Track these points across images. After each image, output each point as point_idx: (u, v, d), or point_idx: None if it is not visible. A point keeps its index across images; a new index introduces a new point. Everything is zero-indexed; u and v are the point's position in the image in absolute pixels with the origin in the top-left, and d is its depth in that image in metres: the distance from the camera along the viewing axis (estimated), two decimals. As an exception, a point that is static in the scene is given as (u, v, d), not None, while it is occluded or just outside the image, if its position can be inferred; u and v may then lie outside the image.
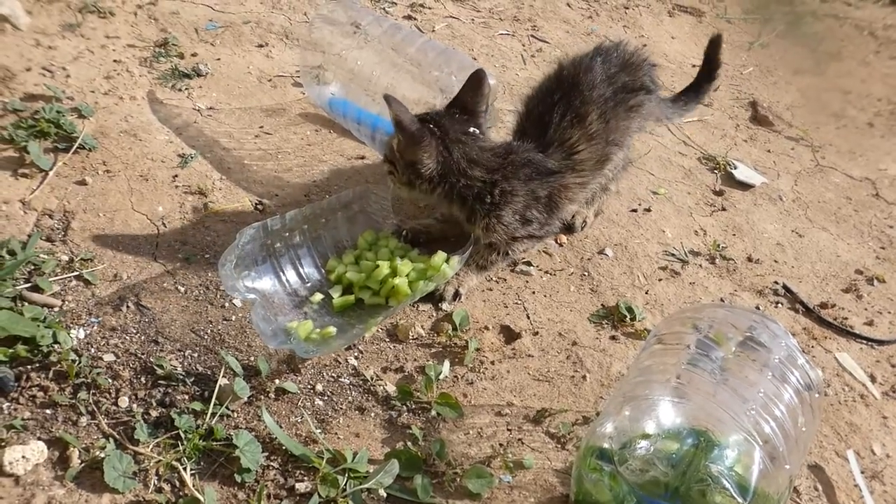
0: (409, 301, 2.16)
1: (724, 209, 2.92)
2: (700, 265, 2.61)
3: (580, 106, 2.30)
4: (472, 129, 2.29)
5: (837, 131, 3.64)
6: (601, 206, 2.68)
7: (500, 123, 2.89)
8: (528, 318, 2.28)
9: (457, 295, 2.27)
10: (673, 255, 2.61)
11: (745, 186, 3.07)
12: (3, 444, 1.68)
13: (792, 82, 3.96)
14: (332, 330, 2.05)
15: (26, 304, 1.98)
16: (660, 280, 2.51)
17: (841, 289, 2.65)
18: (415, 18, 3.63)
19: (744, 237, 2.79)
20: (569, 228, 2.61)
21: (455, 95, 2.32)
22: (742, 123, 3.53)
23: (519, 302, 2.32)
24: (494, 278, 2.39)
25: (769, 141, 3.45)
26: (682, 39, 4.14)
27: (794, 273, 2.67)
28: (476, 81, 2.29)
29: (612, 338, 2.26)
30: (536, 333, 2.23)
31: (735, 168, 3.13)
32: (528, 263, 2.45)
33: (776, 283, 2.60)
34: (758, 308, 2.47)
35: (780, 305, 2.51)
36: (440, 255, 2.26)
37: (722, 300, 2.48)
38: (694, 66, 3.88)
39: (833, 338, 2.44)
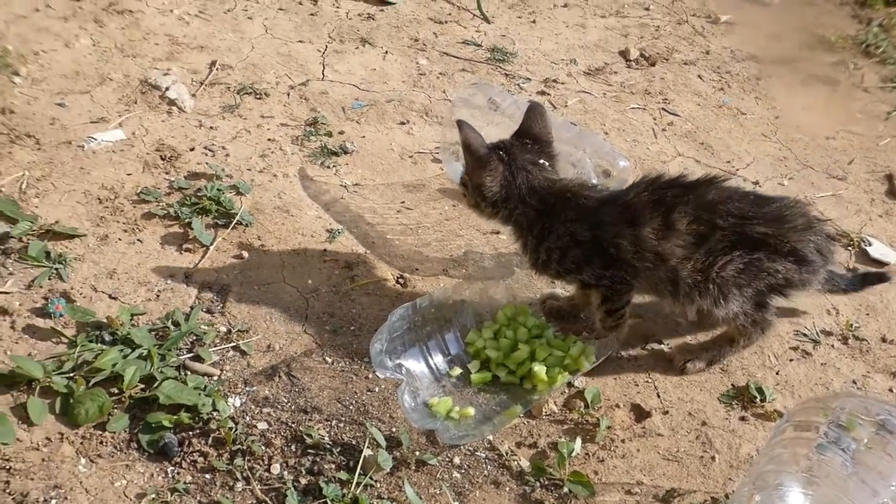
0: (548, 393, 2.23)
1: (858, 288, 2.88)
2: (832, 345, 2.59)
3: (682, 210, 2.22)
4: (542, 161, 2.35)
5: (982, 206, 3.54)
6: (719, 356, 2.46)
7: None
8: (659, 396, 2.32)
9: None
10: (804, 334, 2.60)
11: (879, 264, 3.02)
12: (168, 506, 1.84)
13: (934, 154, 3.87)
14: (471, 411, 2.15)
15: (189, 373, 2.15)
16: (791, 360, 2.51)
17: (984, 373, 2.58)
18: (548, 94, 3.74)
19: (878, 317, 2.75)
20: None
21: (520, 126, 2.40)
22: (877, 198, 3.47)
23: (650, 381, 2.36)
24: (625, 355, 2.44)
25: (907, 216, 3.39)
26: (816, 110, 4.10)
27: (932, 355, 2.62)
28: (538, 113, 2.40)
29: (742, 418, 2.27)
30: (666, 412, 2.26)
31: (869, 245, 3.08)
32: (659, 341, 2.49)
33: (913, 365, 2.56)
34: (892, 391, 2.43)
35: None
36: (578, 347, 2.33)
37: (854, 382, 2.45)
38: (828, 137, 3.85)
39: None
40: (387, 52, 3.87)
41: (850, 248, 3.09)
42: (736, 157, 3.57)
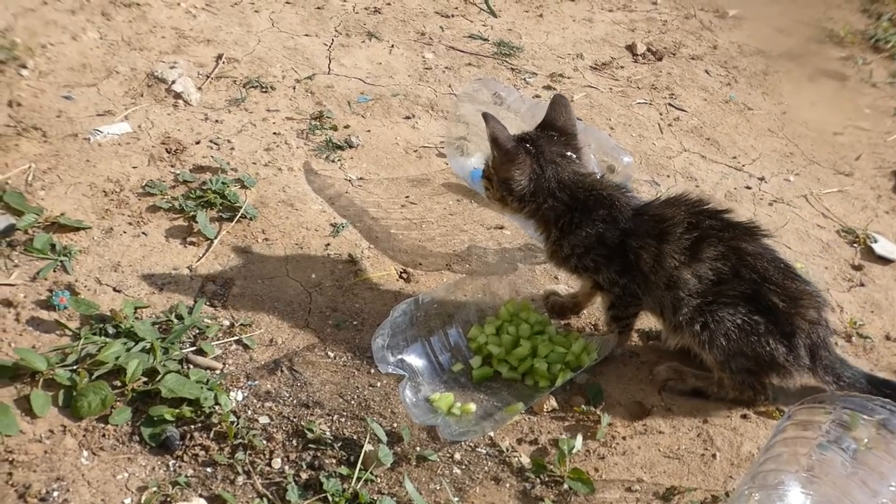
0: (549, 390, 2.24)
1: (862, 285, 2.88)
2: (836, 343, 2.58)
3: (714, 244, 2.21)
4: (569, 153, 2.34)
5: None
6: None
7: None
8: (660, 393, 2.32)
9: None
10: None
11: (885, 261, 3.02)
12: (168, 499, 1.85)
13: (941, 150, 3.86)
14: (472, 407, 2.15)
15: (191, 366, 2.16)
16: (796, 358, 2.50)
17: None
18: (554, 88, 3.73)
19: (882, 314, 2.75)
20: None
21: (544, 119, 2.39)
22: (884, 194, 3.46)
23: (652, 377, 2.36)
24: (628, 353, 2.44)
25: (914, 213, 3.38)
26: (824, 106, 4.09)
27: (937, 353, 2.62)
28: (562, 105, 2.38)
29: (744, 416, 2.27)
30: (668, 410, 2.27)
31: (875, 241, 3.08)
32: (658, 338, 2.48)
33: (916, 363, 2.56)
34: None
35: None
36: (580, 343, 2.33)
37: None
38: (835, 133, 3.84)
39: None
40: (393, 45, 3.87)
41: (855, 244, 3.09)
42: (742, 153, 3.56)
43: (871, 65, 4.57)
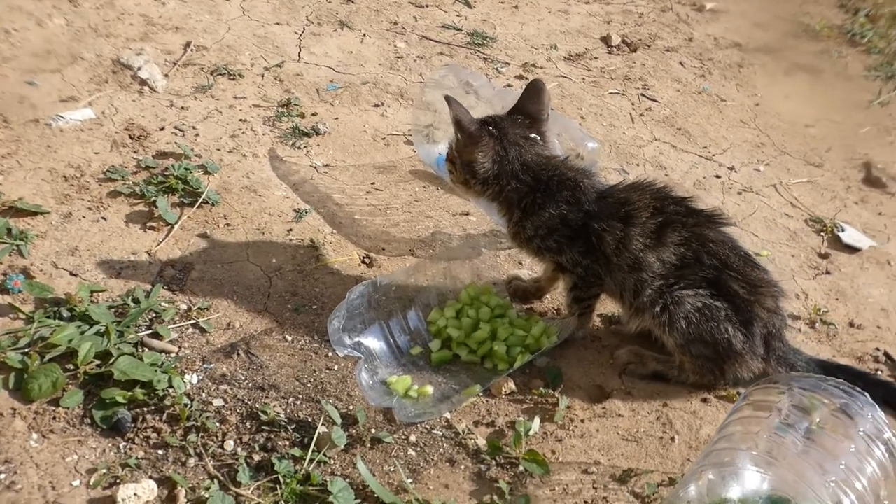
0: (507, 372, 2.22)
1: (828, 273, 2.87)
2: (799, 329, 2.58)
3: (678, 229, 2.22)
4: (532, 135, 2.33)
5: (958, 194, 3.53)
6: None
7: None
8: (621, 377, 2.30)
9: None
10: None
11: (852, 250, 3.01)
12: (118, 481, 1.82)
13: (912, 142, 3.86)
14: (430, 389, 2.14)
15: (146, 349, 2.13)
16: (757, 343, 2.49)
17: (950, 357, 2.57)
18: (526, 78, 3.71)
19: (847, 302, 2.74)
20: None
21: (517, 103, 2.38)
22: (854, 185, 3.46)
23: (612, 361, 2.35)
24: (590, 337, 2.43)
25: (881, 203, 3.37)
26: (798, 98, 4.08)
27: (897, 340, 2.62)
28: (536, 90, 2.36)
29: (704, 400, 2.26)
30: (628, 393, 2.25)
31: (843, 231, 3.08)
32: (620, 322, 2.47)
33: (877, 349, 2.54)
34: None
35: (879, 373, 2.46)
36: (539, 326, 2.32)
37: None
38: (807, 125, 3.84)
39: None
40: (365, 34, 3.85)
41: (822, 233, 3.08)
42: (713, 143, 3.56)
43: (846, 59, 4.57)
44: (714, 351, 2.19)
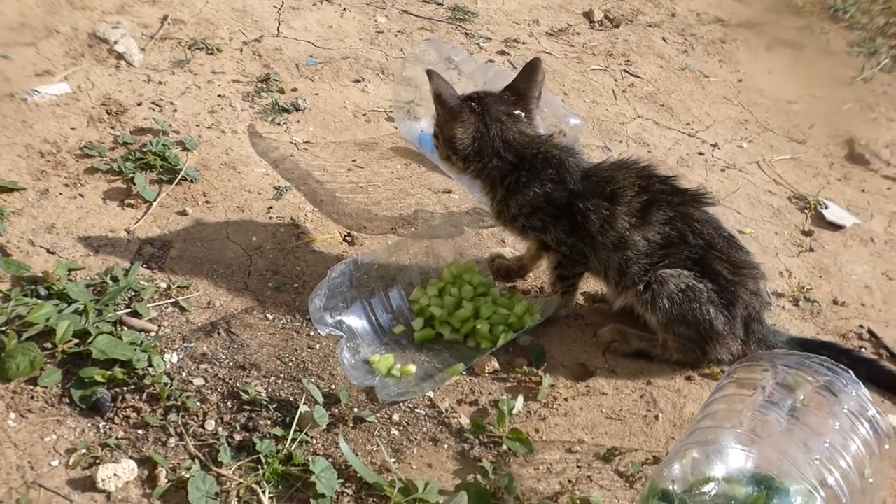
0: (490, 351, 2.21)
1: (811, 250, 2.88)
2: (783, 307, 2.58)
3: (663, 208, 2.22)
4: (517, 112, 2.30)
5: (939, 170, 3.54)
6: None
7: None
8: (604, 355, 2.30)
9: None
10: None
11: (835, 227, 3.02)
12: (97, 461, 1.80)
13: (894, 118, 3.86)
14: (412, 368, 2.13)
15: (125, 328, 2.11)
16: (741, 321, 2.50)
17: (931, 334, 2.59)
18: (508, 54, 3.69)
19: (831, 279, 2.75)
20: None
21: (511, 81, 2.34)
22: (837, 161, 3.46)
23: (596, 339, 2.34)
24: (573, 315, 2.42)
25: (864, 180, 3.37)
26: (781, 74, 4.07)
27: (880, 317, 2.62)
28: (531, 69, 2.32)
29: (688, 378, 2.26)
30: (612, 371, 2.25)
31: (826, 208, 3.08)
32: (604, 300, 2.46)
33: (861, 327, 2.55)
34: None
35: (863, 350, 2.47)
36: (522, 305, 2.31)
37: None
38: (790, 102, 3.84)
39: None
40: (345, 9, 3.80)
41: (806, 210, 3.08)
42: (696, 120, 3.55)
43: (828, 34, 4.56)
44: (696, 332, 2.19)
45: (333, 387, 2.06)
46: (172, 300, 2.23)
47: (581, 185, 2.23)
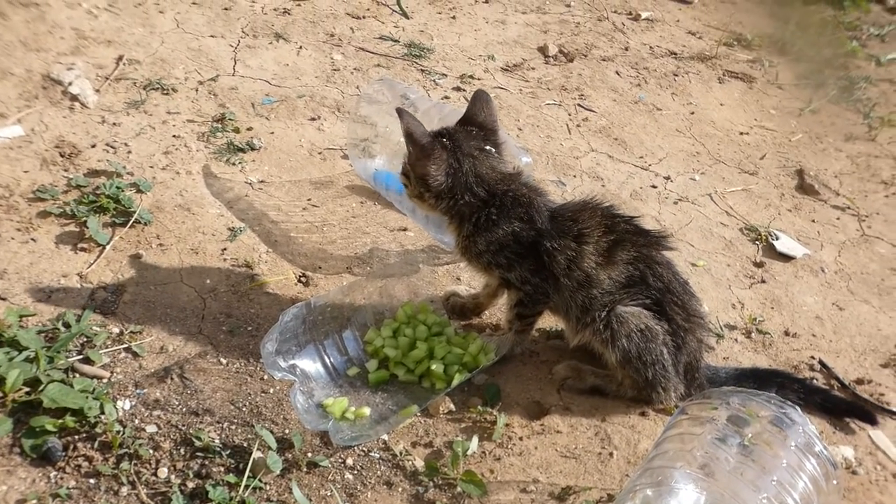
0: (445, 391, 2.22)
1: (763, 281, 2.93)
2: (735, 339, 2.62)
3: (628, 248, 2.25)
4: (488, 147, 2.31)
5: (886, 199, 3.60)
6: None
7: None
8: (559, 392, 2.32)
9: None
10: (708, 329, 2.63)
11: (786, 258, 3.07)
12: (47, 512, 1.79)
13: (842, 149, 3.94)
14: (367, 411, 2.13)
15: (77, 375, 2.10)
16: (694, 355, 2.53)
17: (880, 364, 2.63)
18: (463, 90, 3.73)
19: (782, 310, 2.80)
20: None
21: (465, 114, 2.36)
22: (787, 192, 3.53)
23: (551, 377, 2.36)
24: (528, 352, 2.44)
25: (814, 210, 3.44)
26: (732, 106, 4.15)
27: (831, 347, 2.67)
28: (482, 100, 2.36)
29: (642, 414, 2.29)
30: (567, 409, 2.27)
31: (777, 239, 3.14)
32: (560, 337, 2.49)
33: (812, 357, 2.60)
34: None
35: (815, 381, 2.51)
36: (477, 344, 2.33)
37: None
38: (741, 133, 3.91)
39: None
40: (301, 47, 3.82)
41: (757, 242, 3.14)
42: (649, 153, 3.60)
43: (776, 67, 4.65)
44: (652, 372, 2.22)
45: (287, 431, 2.06)
46: (125, 346, 2.22)
47: (548, 225, 2.26)
